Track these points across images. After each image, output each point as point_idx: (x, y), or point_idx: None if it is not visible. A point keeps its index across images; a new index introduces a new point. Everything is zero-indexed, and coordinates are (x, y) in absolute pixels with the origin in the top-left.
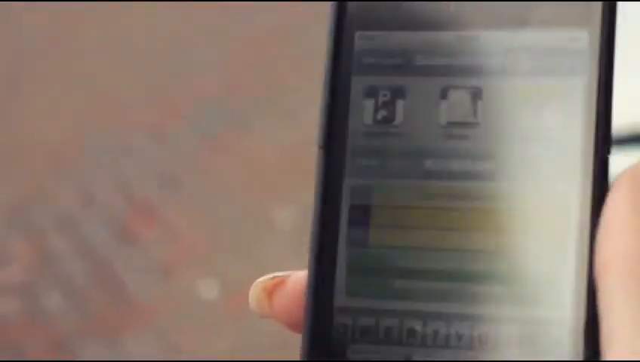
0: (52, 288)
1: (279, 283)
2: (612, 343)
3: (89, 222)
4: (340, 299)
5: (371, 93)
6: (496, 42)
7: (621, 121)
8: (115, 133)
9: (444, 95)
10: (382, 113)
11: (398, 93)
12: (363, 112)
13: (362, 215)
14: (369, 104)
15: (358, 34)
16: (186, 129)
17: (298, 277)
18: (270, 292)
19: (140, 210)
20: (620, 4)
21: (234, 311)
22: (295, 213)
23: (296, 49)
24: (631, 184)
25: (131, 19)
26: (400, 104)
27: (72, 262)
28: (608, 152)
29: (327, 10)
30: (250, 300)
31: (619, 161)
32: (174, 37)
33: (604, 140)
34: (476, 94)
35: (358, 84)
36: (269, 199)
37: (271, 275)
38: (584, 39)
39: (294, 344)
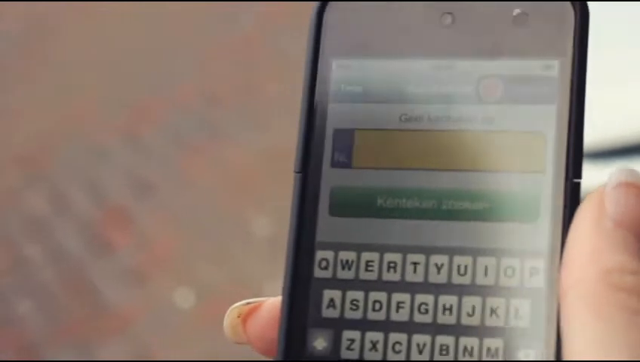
0: (23, 294)
1: (253, 309)
2: None
3: (62, 227)
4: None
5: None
6: (470, 70)
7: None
8: (90, 138)
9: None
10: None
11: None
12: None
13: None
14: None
15: (335, 62)
16: (161, 135)
17: (272, 303)
18: (244, 318)
19: (115, 217)
20: (591, 33)
21: (209, 320)
22: (272, 220)
23: (272, 56)
24: (592, 207)
25: (107, 24)
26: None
27: (45, 268)
28: (579, 177)
29: (306, 34)
30: (224, 326)
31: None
32: (150, 42)
33: (574, 165)
34: (450, 121)
35: (334, 111)
36: (245, 206)
37: (245, 301)
38: (555, 68)
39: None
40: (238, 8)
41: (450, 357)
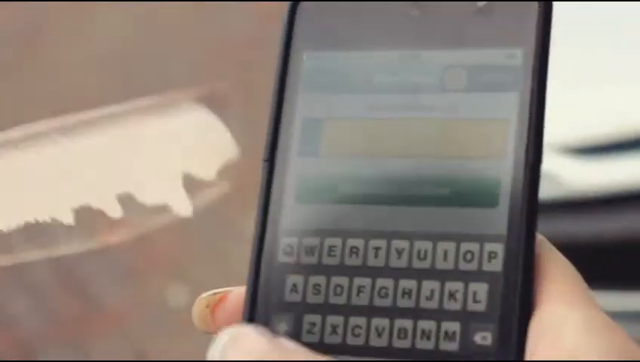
0: (17, 293)
1: (221, 299)
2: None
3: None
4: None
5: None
6: (436, 60)
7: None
8: None
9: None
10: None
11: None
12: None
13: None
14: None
15: (306, 54)
16: None
17: (238, 292)
18: (213, 308)
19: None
20: (554, 23)
21: None
22: None
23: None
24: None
25: (96, 25)
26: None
27: (39, 266)
28: (539, 162)
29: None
30: (193, 316)
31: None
32: (145, 44)
33: (535, 150)
34: (415, 110)
35: (303, 101)
36: (239, 206)
37: (212, 291)
38: (519, 56)
39: None
40: (237, 8)
41: (408, 341)
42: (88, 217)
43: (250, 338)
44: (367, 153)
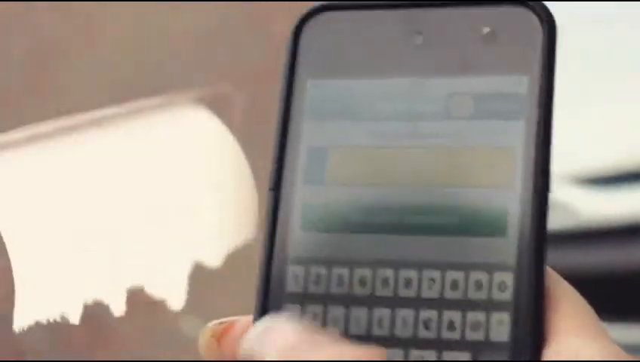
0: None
1: (227, 329)
2: None
3: None
4: None
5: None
6: (440, 87)
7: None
8: None
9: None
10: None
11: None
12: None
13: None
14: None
15: (309, 81)
16: None
17: (245, 321)
18: (218, 338)
19: None
20: (559, 50)
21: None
22: None
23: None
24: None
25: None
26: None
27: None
28: (547, 190)
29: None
30: (199, 345)
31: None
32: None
33: (542, 179)
34: (420, 137)
35: (308, 129)
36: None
37: (218, 321)
38: (524, 84)
39: None
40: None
41: None
42: None
43: (286, 328)
44: (373, 181)
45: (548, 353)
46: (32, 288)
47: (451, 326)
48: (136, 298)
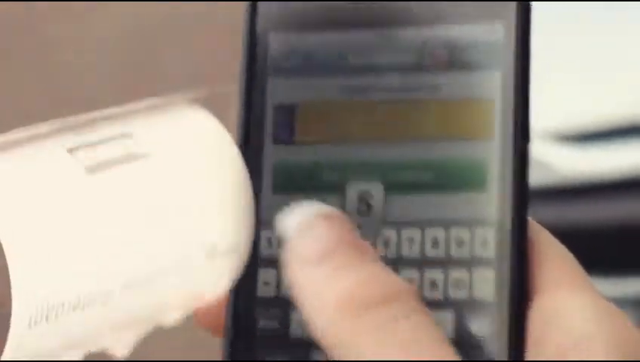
0: None
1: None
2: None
3: None
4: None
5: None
6: (413, 38)
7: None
8: None
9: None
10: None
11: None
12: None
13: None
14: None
15: (272, 35)
16: None
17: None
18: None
19: None
20: (547, 10)
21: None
22: None
23: None
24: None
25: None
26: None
27: None
28: (527, 141)
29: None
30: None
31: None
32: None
33: (522, 130)
34: (394, 90)
35: (273, 86)
36: None
37: None
38: (500, 32)
39: None
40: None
41: None
42: None
43: (326, 223)
44: (346, 138)
45: (534, 307)
46: (32, 288)
47: (434, 285)
48: None
